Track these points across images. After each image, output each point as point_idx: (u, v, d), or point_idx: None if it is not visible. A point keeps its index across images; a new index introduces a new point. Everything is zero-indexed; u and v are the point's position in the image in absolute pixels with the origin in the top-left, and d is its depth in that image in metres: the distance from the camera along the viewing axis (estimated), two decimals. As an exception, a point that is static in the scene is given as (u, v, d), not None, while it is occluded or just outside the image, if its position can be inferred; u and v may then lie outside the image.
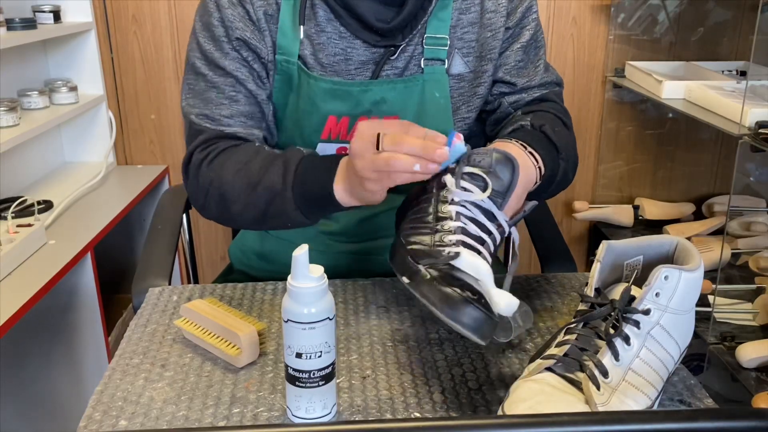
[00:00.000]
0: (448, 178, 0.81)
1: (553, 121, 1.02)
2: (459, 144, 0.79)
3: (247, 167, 0.95)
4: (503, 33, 1.06)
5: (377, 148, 0.78)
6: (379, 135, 0.78)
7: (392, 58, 1.02)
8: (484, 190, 0.80)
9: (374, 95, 1.02)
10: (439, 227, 0.79)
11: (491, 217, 0.80)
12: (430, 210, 0.82)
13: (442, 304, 0.71)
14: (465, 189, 0.80)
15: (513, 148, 0.88)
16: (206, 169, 0.99)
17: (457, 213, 0.79)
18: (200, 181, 0.99)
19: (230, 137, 1.01)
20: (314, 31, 1.02)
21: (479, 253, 0.77)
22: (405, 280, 0.77)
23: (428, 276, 0.74)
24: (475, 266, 0.75)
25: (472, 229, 0.79)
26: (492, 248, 0.80)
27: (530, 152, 0.89)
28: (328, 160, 0.91)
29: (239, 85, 1.02)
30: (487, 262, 0.77)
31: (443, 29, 1.03)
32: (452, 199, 0.80)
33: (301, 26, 1.01)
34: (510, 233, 0.84)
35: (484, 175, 0.80)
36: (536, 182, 0.89)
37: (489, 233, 0.79)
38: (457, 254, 0.75)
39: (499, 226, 0.81)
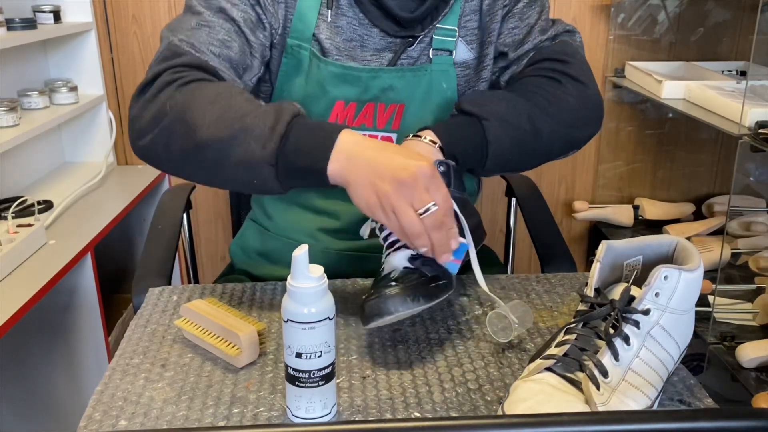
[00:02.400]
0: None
1: (491, 92, 1.04)
2: (456, 263, 0.87)
3: (230, 99, 0.85)
4: (501, 14, 1.07)
5: (418, 212, 0.78)
6: (429, 208, 0.78)
7: (410, 48, 1.04)
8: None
9: (383, 82, 1.03)
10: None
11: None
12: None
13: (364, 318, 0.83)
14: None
15: (403, 143, 0.94)
16: (175, 90, 0.87)
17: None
18: (159, 102, 0.87)
19: (212, 72, 0.92)
20: (335, 14, 1.03)
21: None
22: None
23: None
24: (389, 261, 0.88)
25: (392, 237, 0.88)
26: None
27: (413, 136, 0.94)
28: (332, 125, 0.84)
29: (239, 33, 0.97)
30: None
31: (453, 20, 1.05)
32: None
33: (329, 10, 1.01)
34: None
35: None
36: (438, 147, 0.92)
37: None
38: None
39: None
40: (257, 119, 0.82)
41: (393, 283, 0.82)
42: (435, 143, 0.92)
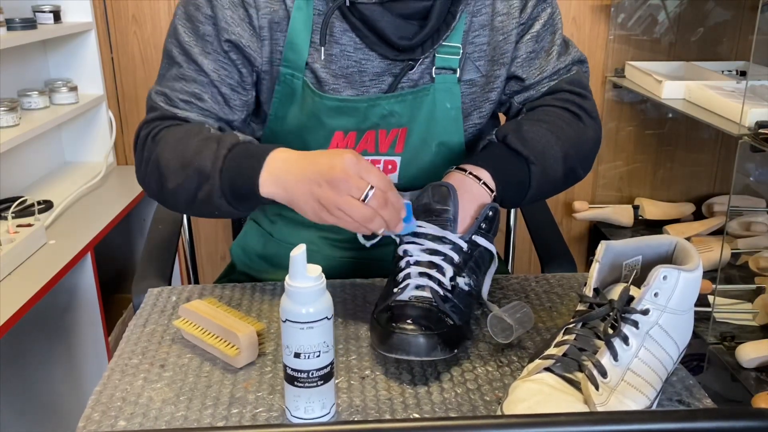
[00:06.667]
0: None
1: (533, 123, 1.00)
2: (412, 223, 0.87)
3: (185, 145, 0.93)
4: (516, 35, 1.03)
5: (362, 199, 0.80)
6: (371, 188, 0.80)
7: (410, 71, 1.00)
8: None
9: (382, 110, 1.00)
10: (396, 273, 0.88)
11: (441, 239, 0.88)
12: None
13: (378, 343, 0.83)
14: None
15: (451, 176, 0.94)
16: (150, 143, 0.97)
17: (405, 251, 0.88)
18: (143, 156, 0.98)
19: (181, 119, 1.00)
20: (327, 42, 0.99)
21: (429, 277, 0.86)
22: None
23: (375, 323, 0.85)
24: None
25: (423, 257, 0.87)
26: (449, 265, 0.87)
27: (470, 173, 0.93)
28: (263, 148, 0.89)
29: (211, 87, 0.99)
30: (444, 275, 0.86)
31: (457, 38, 1.00)
32: (400, 241, 0.90)
33: (322, 48, 0.98)
34: (475, 241, 0.90)
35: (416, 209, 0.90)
36: (493, 194, 0.93)
37: (442, 254, 0.87)
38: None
39: (453, 243, 0.88)
40: (204, 158, 0.90)
41: (428, 324, 0.81)
42: (491, 191, 0.93)
